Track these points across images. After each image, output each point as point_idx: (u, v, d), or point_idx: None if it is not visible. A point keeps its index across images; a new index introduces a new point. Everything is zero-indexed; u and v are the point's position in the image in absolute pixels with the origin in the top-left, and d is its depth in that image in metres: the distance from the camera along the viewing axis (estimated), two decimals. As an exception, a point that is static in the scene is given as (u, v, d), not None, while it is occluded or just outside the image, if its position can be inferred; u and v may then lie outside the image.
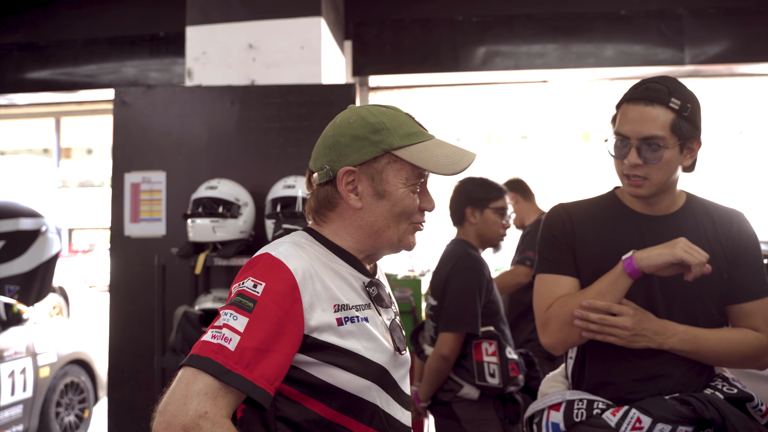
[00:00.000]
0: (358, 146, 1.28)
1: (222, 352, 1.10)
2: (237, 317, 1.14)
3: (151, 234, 3.68)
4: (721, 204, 1.80)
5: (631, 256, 1.61)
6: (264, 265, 1.21)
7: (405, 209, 1.31)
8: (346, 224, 1.33)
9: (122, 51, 5.50)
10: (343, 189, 1.29)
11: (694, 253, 1.58)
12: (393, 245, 1.34)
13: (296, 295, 1.19)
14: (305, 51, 3.92)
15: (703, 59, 5.00)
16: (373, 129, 1.29)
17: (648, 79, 1.70)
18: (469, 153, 1.32)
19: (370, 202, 1.30)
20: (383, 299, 1.36)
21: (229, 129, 3.69)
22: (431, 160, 1.29)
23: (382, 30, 5.15)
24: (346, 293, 1.28)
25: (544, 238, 1.83)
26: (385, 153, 1.28)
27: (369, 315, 1.30)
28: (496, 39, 5.09)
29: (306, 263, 1.23)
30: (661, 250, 1.59)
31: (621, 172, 1.71)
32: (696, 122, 1.67)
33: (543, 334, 1.78)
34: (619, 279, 1.63)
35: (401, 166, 1.30)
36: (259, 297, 1.16)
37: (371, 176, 1.29)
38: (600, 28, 5.04)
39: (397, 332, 1.37)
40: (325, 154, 1.31)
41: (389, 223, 1.31)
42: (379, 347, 1.29)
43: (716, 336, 1.66)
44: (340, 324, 1.24)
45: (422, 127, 1.35)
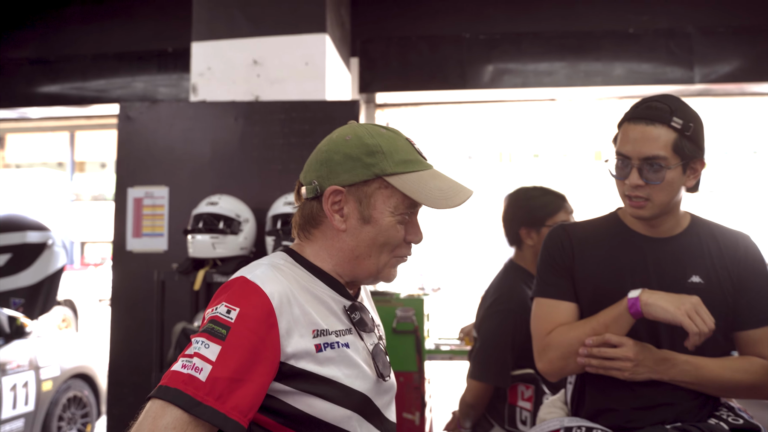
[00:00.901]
0: (350, 166, 1.23)
1: (192, 383, 1.05)
2: (209, 345, 1.09)
3: (152, 249, 3.67)
4: (727, 226, 1.76)
5: (637, 298, 1.55)
6: (238, 290, 1.16)
7: (388, 240, 1.26)
8: (327, 244, 1.28)
9: (131, 66, 5.53)
10: (328, 208, 1.24)
11: (698, 321, 1.51)
12: (371, 275, 1.29)
13: (272, 321, 1.13)
14: (309, 67, 3.92)
15: (714, 78, 4.94)
16: (368, 150, 1.23)
17: (649, 97, 1.66)
18: (466, 189, 1.27)
19: (354, 226, 1.25)
20: (366, 324, 1.30)
21: (232, 145, 3.68)
22: (423, 192, 1.23)
23: (389, 47, 5.14)
24: (325, 318, 1.23)
25: (543, 260, 1.79)
26: (376, 177, 1.23)
27: (350, 340, 1.25)
28: (504, 57, 5.07)
29: (283, 287, 1.18)
30: (666, 304, 1.53)
31: (622, 193, 1.68)
32: (699, 142, 1.63)
33: (540, 361, 1.74)
34: (623, 316, 1.59)
35: (391, 194, 1.24)
36: (232, 323, 1.10)
37: (359, 199, 1.24)
38: (608, 46, 5.01)
39: (381, 358, 1.31)
40: (316, 168, 1.26)
41: (370, 252, 1.26)
42: (360, 374, 1.24)
43: (720, 366, 1.60)
44: (318, 350, 1.18)
45: (421, 156, 1.30)
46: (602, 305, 1.67)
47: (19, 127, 6.94)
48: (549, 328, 1.71)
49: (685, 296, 1.54)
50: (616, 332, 1.59)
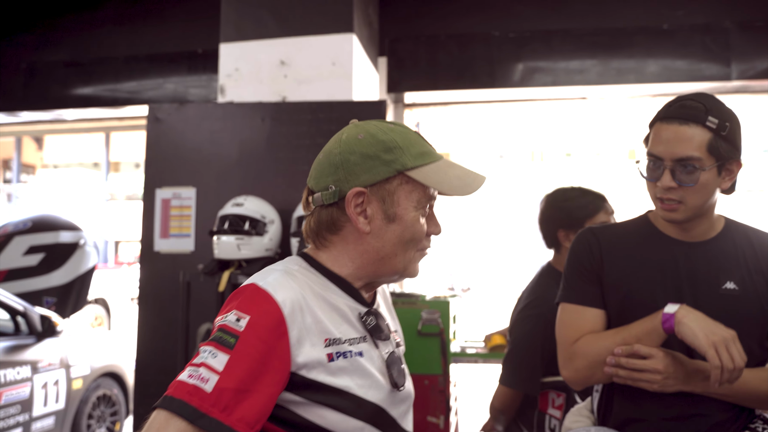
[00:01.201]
0: (369, 165, 1.19)
1: (197, 394, 1.02)
2: (216, 354, 1.06)
3: (180, 250, 3.69)
4: (763, 230, 1.68)
5: (673, 315, 1.47)
6: (249, 297, 1.12)
7: (414, 235, 1.23)
8: (349, 249, 1.24)
9: (161, 68, 5.59)
10: (352, 211, 1.20)
11: (724, 356, 1.41)
12: (397, 272, 1.26)
13: (283, 329, 1.10)
14: (336, 67, 3.91)
15: (752, 74, 4.80)
16: (385, 147, 1.20)
17: (683, 96, 1.59)
18: (480, 175, 1.26)
19: (379, 226, 1.21)
20: (381, 330, 1.26)
21: (259, 145, 3.69)
22: (445, 182, 1.22)
23: (417, 46, 5.11)
24: (338, 326, 1.19)
25: (570, 264, 1.73)
26: (398, 173, 1.20)
27: (364, 349, 1.22)
28: (534, 55, 4.99)
29: (295, 293, 1.14)
30: (697, 329, 1.43)
31: (654, 195, 1.61)
32: (735, 142, 1.55)
33: (566, 368, 1.68)
34: (656, 330, 1.51)
35: (413, 188, 1.22)
36: (241, 332, 1.08)
37: (382, 198, 1.20)
38: (641, 42, 4.89)
39: (396, 366, 1.27)
40: (332, 172, 1.21)
41: (396, 250, 1.23)
42: (373, 384, 1.20)
43: (757, 377, 1.53)
44: (330, 360, 1.15)
45: (431, 146, 1.27)
46: (632, 312, 1.61)
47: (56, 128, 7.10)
48: (576, 336, 1.65)
49: (721, 327, 1.45)
50: (647, 345, 1.53)
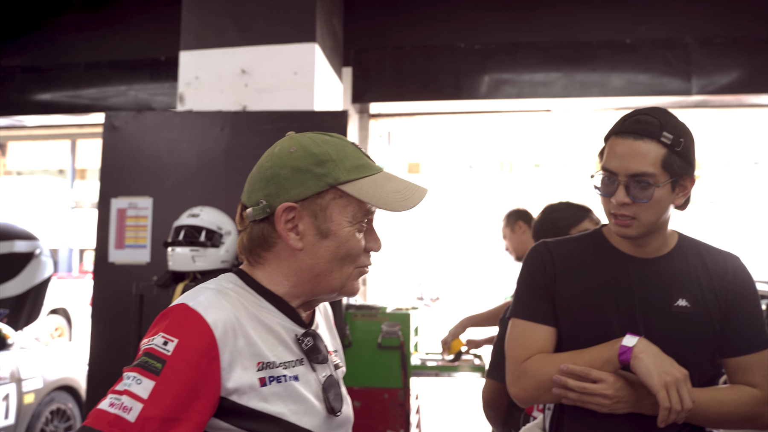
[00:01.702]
0: (300, 179, 1.14)
1: (119, 425, 0.96)
2: (141, 381, 0.99)
3: (135, 261, 3.61)
4: (716, 247, 1.67)
5: (630, 349, 1.46)
6: (178, 318, 1.06)
7: (350, 251, 1.17)
8: (283, 266, 1.18)
9: (124, 75, 5.50)
10: (282, 227, 1.14)
11: (674, 398, 1.41)
12: (335, 290, 1.19)
13: (214, 353, 1.04)
14: (298, 77, 3.87)
15: (712, 89, 4.87)
16: (317, 160, 1.15)
17: (638, 110, 1.57)
18: (421, 188, 1.20)
19: (311, 242, 1.15)
20: (319, 352, 1.20)
21: (218, 155, 3.63)
22: (381, 196, 1.16)
23: (383, 57, 5.10)
24: (273, 348, 1.13)
25: (523, 279, 1.70)
26: (330, 188, 1.15)
27: (300, 372, 1.16)
28: (499, 67, 5.01)
29: (228, 314, 1.09)
30: (652, 367, 1.43)
31: (608, 211, 1.59)
32: (689, 158, 1.55)
33: (514, 386, 1.64)
34: (612, 361, 1.49)
35: (347, 203, 1.16)
36: (169, 356, 1.01)
37: (314, 213, 1.15)
38: (605, 56, 4.94)
39: (334, 390, 1.21)
40: (262, 187, 1.16)
41: (332, 267, 1.17)
42: (308, 410, 1.14)
43: (708, 397, 1.52)
44: (263, 384, 1.09)
45: (370, 159, 1.22)
46: (584, 330, 1.60)
47: (19, 135, 6.93)
48: (525, 354, 1.62)
49: (675, 367, 1.44)
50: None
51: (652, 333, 1.54)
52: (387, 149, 5.90)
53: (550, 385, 1.54)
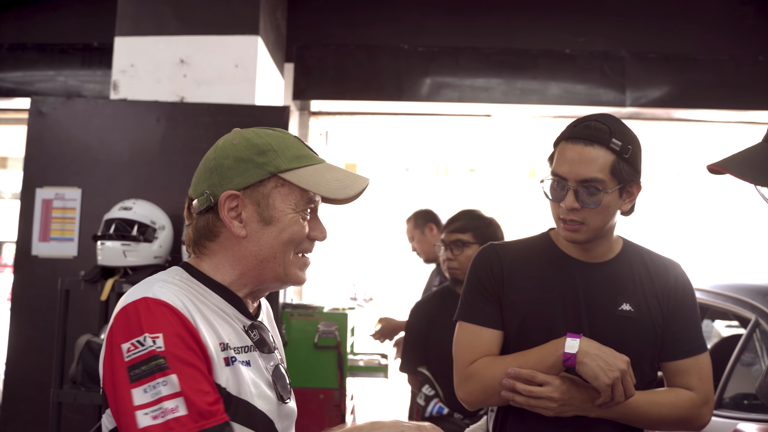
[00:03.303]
0: (243, 168, 1.18)
1: (178, 424, 1.02)
2: (166, 382, 1.04)
3: (61, 255, 3.44)
4: (658, 253, 1.72)
5: (574, 355, 1.48)
6: (147, 314, 1.09)
7: (293, 236, 1.20)
8: (228, 255, 1.21)
9: (52, 59, 5.23)
10: (226, 215, 1.18)
11: (618, 393, 1.47)
12: (279, 278, 1.23)
13: (192, 329, 1.10)
14: (239, 70, 3.78)
15: (644, 102, 5.05)
16: (258, 150, 1.19)
17: (588, 116, 1.60)
18: (362, 178, 1.25)
19: (255, 230, 1.19)
20: (266, 344, 1.24)
21: (152, 147, 3.51)
22: (322, 184, 1.20)
23: (325, 54, 5.04)
24: (228, 333, 1.17)
25: (470, 282, 1.71)
26: (271, 176, 1.19)
27: (251, 359, 1.20)
28: (441, 70, 5.04)
29: (184, 299, 1.13)
30: (597, 370, 1.46)
31: (557, 216, 1.61)
32: (636, 165, 1.58)
33: (460, 390, 1.66)
34: (557, 366, 1.51)
35: (289, 191, 1.20)
36: (164, 351, 1.06)
37: (257, 201, 1.19)
38: (545, 65, 5.04)
39: (282, 380, 1.26)
40: (206, 178, 1.20)
41: (275, 252, 1.20)
42: (262, 394, 1.19)
43: (648, 401, 1.56)
44: (227, 364, 1.14)
45: (312, 151, 1.26)
46: (530, 333, 1.61)
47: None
48: (471, 357, 1.63)
49: (618, 359, 1.48)
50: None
51: (596, 336, 1.57)
52: (325, 148, 5.86)
53: (496, 388, 1.55)
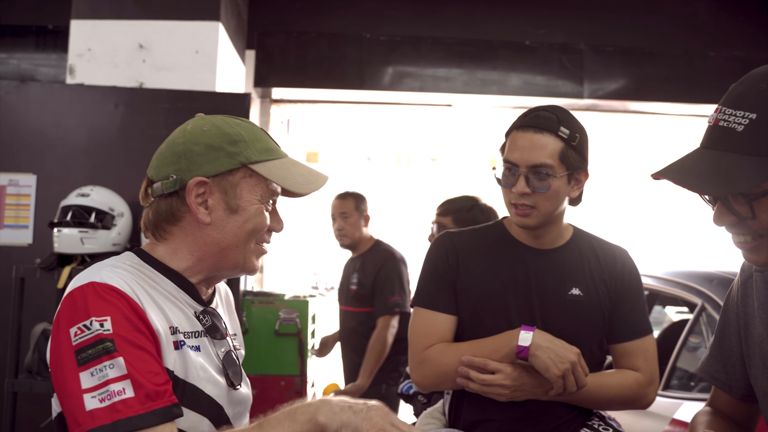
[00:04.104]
0: (213, 156, 1.19)
1: (125, 405, 1.02)
2: (113, 364, 1.04)
3: (15, 242, 3.38)
4: (606, 240, 1.79)
5: (527, 348, 1.53)
6: (95, 298, 1.09)
7: (256, 226, 1.23)
8: (188, 240, 1.22)
9: (4, 42, 5.08)
10: (193, 201, 1.18)
11: (569, 383, 1.52)
12: (237, 266, 1.25)
13: (140, 311, 1.11)
14: (200, 56, 3.74)
15: (601, 94, 5.16)
16: (230, 140, 1.20)
17: (538, 107, 1.67)
18: (323, 175, 1.30)
19: (220, 217, 1.20)
20: (218, 330, 1.25)
21: (110, 133, 3.46)
22: (288, 178, 1.24)
23: (287, 42, 5.02)
24: (178, 318, 1.18)
25: (426, 269, 1.76)
26: (242, 166, 1.21)
27: (201, 344, 1.21)
28: (403, 60, 5.06)
29: (132, 282, 1.14)
30: (548, 362, 1.51)
31: (508, 201, 1.67)
32: (584, 153, 1.65)
33: (415, 373, 1.71)
34: (510, 356, 1.56)
35: (257, 182, 1.22)
36: (112, 333, 1.06)
37: (224, 189, 1.20)
38: (505, 56, 5.11)
39: (233, 366, 1.27)
40: (173, 162, 1.20)
41: (238, 242, 1.22)
42: (211, 379, 1.20)
43: (597, 383, 1.63)
44: (176, 348, 1.15)
45: (277, 144, 1.29)
46: (484, 318, 1.67)
47: None
48: (427, 342, 1.68)
49: (569, 351, 1.53)
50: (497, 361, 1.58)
51: (547, 320, 1.64)
52: (286, 137, 5.84)
53: (450, 373, 1.61)
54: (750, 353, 1.31)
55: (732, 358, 1.38)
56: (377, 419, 1.07)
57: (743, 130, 1.01)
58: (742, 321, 1.33)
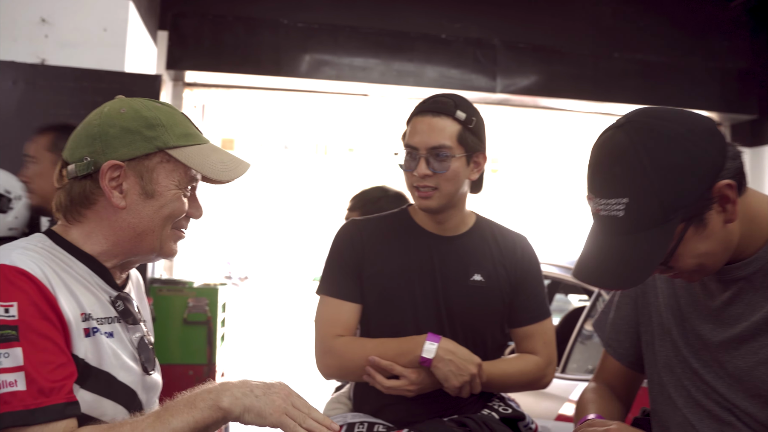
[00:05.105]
0: (129, 140, 1.17)
1: (15, 399, 0.99)
2: (8, 354, 1.00)
3: None
4: (508, 228, 1.85)
5: (430, 360, 1.59)
6: (4, 281, 1.05)
7: (173, 212, 1.21)
8: (103, 225, 1.19)
9: None
10: (106, 185, 1.16)
11: (465, 392, 1.61)
12: (154, 251, 1.23)
13: (51, 298, 1.07)
14: (108, 34, 3.59)
15: (513, 89, 5.31)
16: (147, 123, 1.18)
17: (436, 94, 1.74)
18: (244, 162, 1.29)
19: (135, 202, 1.18)
20: (130, 315, 1.24)
21: (8, 111, 3.27)
22: (207, 165, 1.22)
23: (202, 24, 4.88)
24: (91, 303, 1.15)
25: (331, 257, 1.78)
26: (159, 151, 1.19)
27: (115, 330, 1.19)
28: (320, 47, 5.03)
29: (44, 266, 1.10)
30: (449, 375, 1.59)
31: (411, 185, 1.71)
32: (481, 136, 1.71)
33: (319, 362, 1.73)
34: (413, 363, 1.61)
35: (174, 167, 1.21)
36: (17, 320, 1.03)
37: (140, 174, 1.18)
38: (421, 48, 5.17)
39: (146, 352, 1.26)
40: (88, 144, 1.17)
41: (154, 226, 1.20)
42: (124, 365, 1.18)
43: (498, 370, 1.70)
44: (87, 335, 1.12)
45: (197, 130, 1.26)
46: (389, 304, 1.71)
47: None
48: (332, 331, 1.71)
49: (470, 361, 1.60)
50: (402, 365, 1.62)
51: (450, 305, 1.70)
52: (201, 122, 5.69)
53: (353, 369, 1.66)
54: (645, 321, 1.38)
55: (624, 326, 1.45)
56: (279, 402, 1.07)
57: (624, 215, 1.07)
58: (639, 289, 1.40)
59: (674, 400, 1.30)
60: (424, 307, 1.69)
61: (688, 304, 1.28)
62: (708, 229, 1.09)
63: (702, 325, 1.25)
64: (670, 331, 1.32)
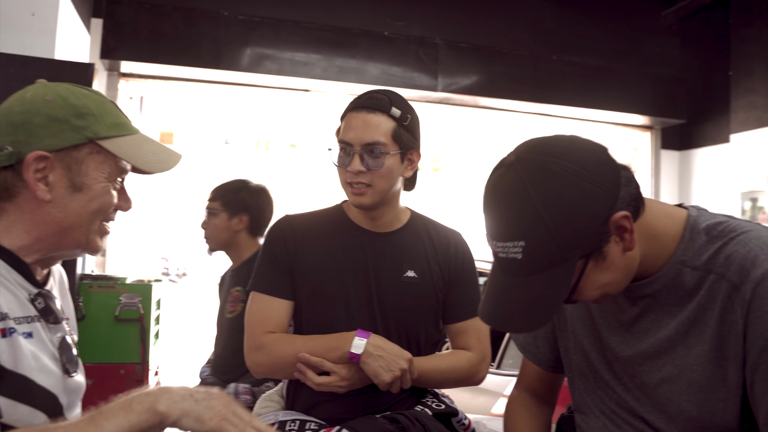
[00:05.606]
0: (57, 129, 1.11)
1: None
2: None
3: None
4: (442, 224, 1.86)
5: (358, 356, 1.58)
6: None
7: (102, 206, 1.17)
8: (25, 218, 1.13)
9: None
10: (31, 177, 1.10)
11: (395, 387, 1.61)
12: (79, 246, 1.18)
13: None
14: (36, 19, 3.44)
15: (454, 89, 5.36)
16: (76, 112, 1.13)
17: (371, 90, 1.73)
18: (176, 153, 1.26)
19: (61, 195, 1.13)
20: (52, 313, 1.17)
21: (-75, 97, 3.08)
22: (139, 156, 1.18)
23: (139, 13, 4.74)
24: (8, 302, 1.09)
25: (264, 253, 1.76)
26: (89, 141, 1.14)
27: (34, 330, 1.12)
28: (262, 41, 4.96)
29: None
30: (376, 370, 1.58)
31: (344, 181, 1.70)
32: (415, 133, 1.71)
33: (249, 359, 1.71)
34: (343, 358, 1.60)
35: (104, 159, 1.16)
36: None
37: (68, 166, 1.13)
38: (364, 45, 5.17)
39: (68, 352, 1.19)
40: (9, 132, 1.10)
41: (81, 221, 1.15)
42: (44, 368, 1.11)
43: (432, 367, 1.70)
44: (3, 335, 1.05)
45: (128, 119, 1.22)
46: (322, 300, 1.70)
47: None
48: (262, 328, 1.69)
49: (400, 357, 1.60)
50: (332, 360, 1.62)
51: (383, 302, 1.70)
52: (138, 115, 5.53)
53: (283, 365, 1.64)
54: (561, 327, 1.40)
55: (541, 332, 1.46)
56: (219, 407, 1.03)
57: (523, 257, 1.06)
58: None
59: (590, 407, 1.33)
60: (357, 304, 1.69)
61: (600, 316, 1.30)
62: (608, 261, 1.09)
63: (612, 338, 1.27)
64: (581, 342, 1.33)
